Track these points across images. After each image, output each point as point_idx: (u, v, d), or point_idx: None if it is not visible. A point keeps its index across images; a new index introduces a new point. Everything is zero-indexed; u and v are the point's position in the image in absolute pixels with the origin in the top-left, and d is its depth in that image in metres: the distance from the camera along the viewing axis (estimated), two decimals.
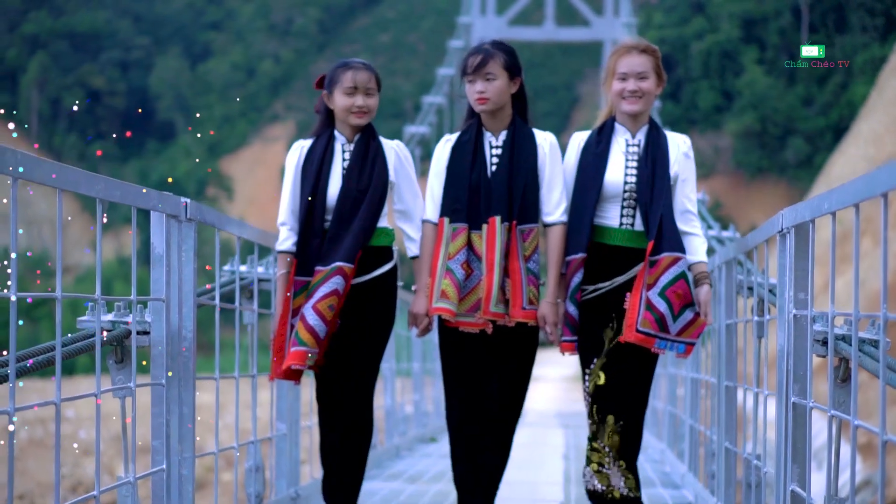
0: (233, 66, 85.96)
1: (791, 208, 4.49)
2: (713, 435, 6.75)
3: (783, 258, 4.65)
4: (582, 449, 11.75)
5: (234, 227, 5.51)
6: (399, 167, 5.60)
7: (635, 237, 5.45)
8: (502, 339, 5.52)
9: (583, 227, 5.45)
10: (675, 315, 5.35)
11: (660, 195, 5.41)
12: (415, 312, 5.60)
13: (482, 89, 5.47)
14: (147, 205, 4.34)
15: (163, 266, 4.55)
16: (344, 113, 5.49)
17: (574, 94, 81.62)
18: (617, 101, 5.54)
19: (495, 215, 5.45)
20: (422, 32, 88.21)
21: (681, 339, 5.39)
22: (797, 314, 4.45)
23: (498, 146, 5.54)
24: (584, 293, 5.48)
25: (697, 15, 74.29)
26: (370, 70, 5.53)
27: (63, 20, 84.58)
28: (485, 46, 5.56)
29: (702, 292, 5.47)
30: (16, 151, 3.17)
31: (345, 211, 5.42)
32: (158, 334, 4.53)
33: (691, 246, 5.50)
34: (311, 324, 5.29)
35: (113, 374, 4.56)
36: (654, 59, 5.51)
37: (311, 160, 5.52)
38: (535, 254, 5.50)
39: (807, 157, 66.48)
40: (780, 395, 4.61)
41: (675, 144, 5.55)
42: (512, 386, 5.57)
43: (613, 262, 5.46)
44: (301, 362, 5.28)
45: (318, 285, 5.33)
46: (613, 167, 5.50)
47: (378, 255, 5.51)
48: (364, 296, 5.46)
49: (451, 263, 5.45)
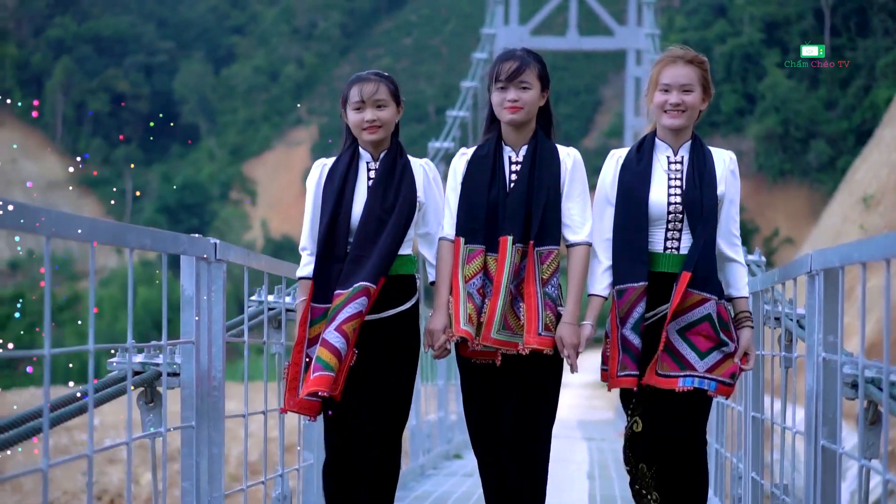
0: (256, 70, 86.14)
1: (820, 252, 4.48)
2: (740, 463, 6.74)
3: (812, 298, 4.65)
4: (606, 465, 11.75)
5: (263, 262, 5.51)
6: (428, 187, 5.22)
7: (682, 262, 5.01)
8: (516, 368, 5.05)
9: (639, 253, 5.01)
10: (701, 353, 4.93)
11: (708, 218, 4.99)
12: (431, 329, 5.12)
13: (515, 98, 5.08)
14: (177, 250, 4.35)
15: (192, 308, 4.56)
16: (356, 129, 5.14)
17: (596, 98, 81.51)
18: (658, 114, 5.14)
19: (507, 234, 5.04)
20: (445, 36, 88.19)
21: (712, 377, 4.92)
22: (826, 357, 4.44)
23: (518, 161, 5.14)
24: (636, 322, 4.99)
25: (719, 18, 74.05)
26: (379, 80, 5.16)
27: (88, 25, 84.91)
28: (518, 53, 5.18)
29: (743, 337, 5.04)
30: (49, 210, 3.19)
31: (369, 231, 5.05)
32: (188, 376, 4.55)
33: (734, 277, 5.10)
34: (336, 345, 4.88)
35: (143, 414, 4.58)
36: (701, 71, 5.12)
37: (333, 179, 5.15)
38: (553, 277, 5.04)
39: (829, 160, 66.17)
40: (808, 437, 4.61)
41: (720, 161, 5.13)
42: (529, 409, 5.07)
43: (658, 289, 5.01)
44: (325, 387, 4.83)
45: (339, 307, 4.93)
46: (656, 187, 5.09)
47: (400, 287, 5.13)
48: (386, 335, 5.06)
49: (470, 287, 5.07)
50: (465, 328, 5.01)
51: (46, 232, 3.19)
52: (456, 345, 5.14)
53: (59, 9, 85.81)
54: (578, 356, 5.05)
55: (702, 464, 5.07)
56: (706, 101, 5.17)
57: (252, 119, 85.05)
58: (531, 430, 5.10)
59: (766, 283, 5.91)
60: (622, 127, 55.61)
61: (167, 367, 4.49)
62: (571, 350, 5.03)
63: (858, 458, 4.00)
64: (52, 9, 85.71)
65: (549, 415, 5.16)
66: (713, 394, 4.94)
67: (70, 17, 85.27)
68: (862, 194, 39.32)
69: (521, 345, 4.98)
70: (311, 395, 4.89)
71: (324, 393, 4.84)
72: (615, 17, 48.35)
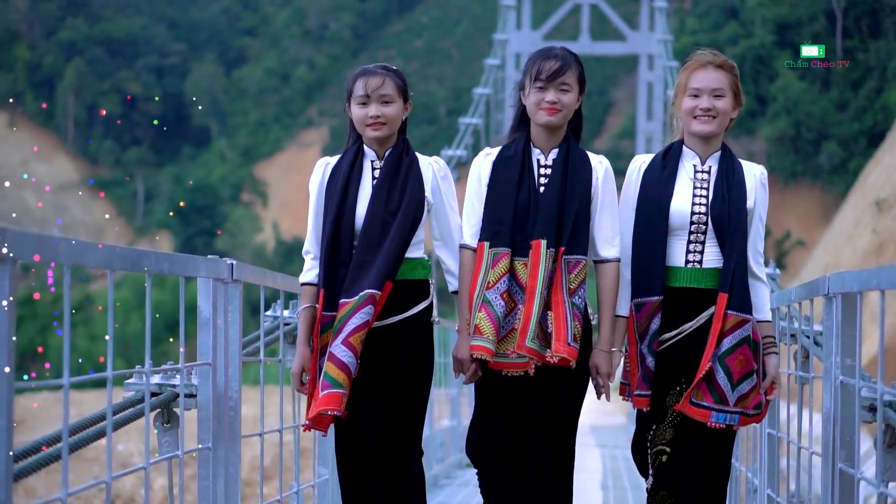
0: (267, 72, 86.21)
1: (838, 275, 4.47)
2: (755, 478, 6.72)
3: (829, 320, 4.64)
4: (620, 474, 11.73)
5: (279, 280, 5.50)
6: (436, 186, 4.93)
7: (704, 277, 4.79)
8: (546, 381, 4.78)
9: (655, 265, 4.81)
10: (733, 384, 4.69)
11: (738, 232, 4.77)
12: (458, 357, 4.86)
13: (555, 99, 4.83)
14: (194, 272, 4.36)
15: (209, 329, 4.56)
16: (360, 126, 4.87)
17: (608, 100, 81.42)
18: (687, 120, 4.90)
19: (541, 238, 4.78)
20: (456, 38, 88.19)
21: (736, 410, 4.71)
22: (844, 381, 4.43)
23: (547, 165, 4.90)
24: (650, 339, 4.79)
25: (731, 20, 73.96)
26: (385, 74, 4.90)
27: (99, 27, 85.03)
28: (559, 51, 4.91)
29: (771, 364, 4.83)
30: (68, 240, 3.19)
31: (372, 235, 4.79)
32: (205, 397, 4.54)
33: (757, 298, 4.84)
34: (345, 360, 4.64)
35: (159, 435, 4.59)
36: (732, 77, 4.90)
37: (336, 179, 4.89)
38: (580, 289, 4.80)
39: (841, 162, 66.04)
40: (825, 459, 4.60)
41: (751, 174, 4.90)
42: (557, 440, 4.85)
43: (680, 306, 4.79)
44: (337, 406, 4.62)
45: (346, 318, 4.69)
46: (679, 195, 4.86)
47: (412, 291, 4.86)
48: (398, 340, 4.82)
49: (490, 294, 4.78)
50: (481, 344, 4.75)
51: (66, 261, 3.19)
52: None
53: (70, 11, 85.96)
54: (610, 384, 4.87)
55: (724, 494, 4.88)
56: (737, 109, 4.94)
57: (263, 121, 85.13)
58: (560, 455, 4.89)
59: (783, 301, 5.89)
60: (634, 129, 55.58)
61: (184, 389, 4.50)
62: (605, 379, 4.86)
63: (877, 485, 3.98)
64: (64, 11, 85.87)
65: (574, 440, 4.96)
66: (735, 427, 4.75)
67: (82, 19, 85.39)
68: (875, 198, 39.24)
69: (549, 353, 4.72)
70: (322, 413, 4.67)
71: (335, 412, 4.62)
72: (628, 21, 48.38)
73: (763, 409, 4.78)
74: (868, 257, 34.85)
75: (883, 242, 35.16)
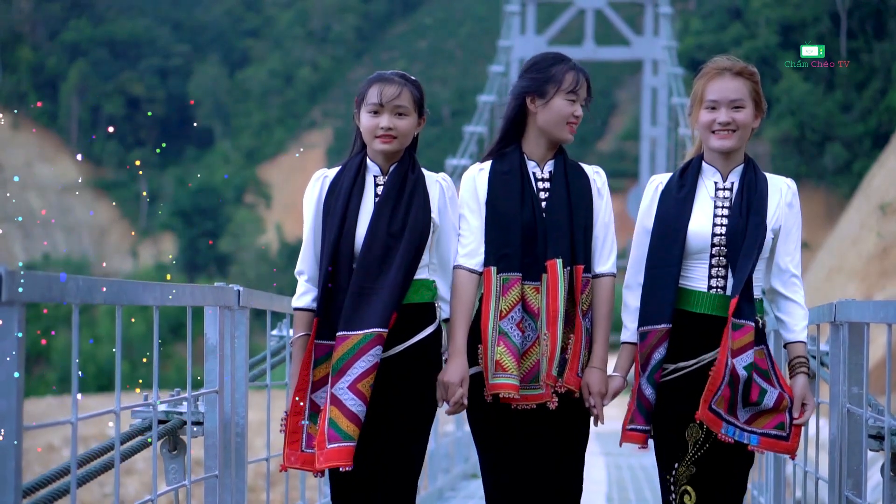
0: (271, 73, 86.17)
1: (845, 304, 4.47)
2: (761, 496, 6.72)
3: (836, 348, 4.64)
4: (625, 485, 11.68)
5: (286, 303, 5.50)
6: (444, 207, 4.54)
7: (727, 304, 4.39)
8: (558, 412, 4.44)
9: (665, 290, 4.42)
10: (751, 402, 4.34)
11: (750, 248, 4.38)
12: (447, 381, 4.40)
13: (581, 114, 4.55)
14: (202, 302, 4.37)
15: (216, 357, 4.57)
16: (368, 136, 4.46)
17: (611, 101, 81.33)
18: (705, 134, 4.51)
19: (555, 258, 4.44)
20: (460, 39, 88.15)
21: (752, 430, 4.33)
22: (851, 409, 4.43)
23: (544, 178, 4.56)
24: (663, 372, 4.42)
25: (735, 21, 73.88)
26: (403, 84, 4.48)
27: (103, 28, 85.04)
28: (576, 64, 4.60)
29: (798, 385, 4.41)
30: (76, 279, 3.19)
31: (372, 259, 4.37)
32: (212, 425, 4.55)
33: (791, 318, 4.47)
34: (355, 411, 4.23)
35: (166, 461, 4.60)
36: (752, 84, 4.50)
37: (336, 194, 4.47)
38: (590, 310, 4.52)
39: (845, 163, 65.98)
40: (832, 485, 4.59)
41: (776, 189, 4.52)
42: (566, 466, 4.50)
43: (699, 334, 4.41)
44: (347, 462, 4.21)
45: (350, 358, 4.27)
46: (699, 215, 4.47)
47: (418, 316, 4.44)
48: (401, 369, 4.40)
49: (505, 324, 4.41)
50: (496, 381, 4.38)
51: (74, 300, 3.19)
52: (475, 392, 4.44)
53: (74, 12, 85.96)
54: (604, 407, 4.47)
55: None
56: (759, 119, 4.53)
57: (267, 122, 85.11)
58: (570, 485, 4.53)
59: None
60: (638, 130, 55.53)
61: (191, 416, 4.50)
62: (598, 399, 4.46)
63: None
64: (68, 12, 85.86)
65: (581, 469, 4.59)
66: (756, 448, 4.35)
67: (85, 20, 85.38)
68: (879, 201, 39.22)
69: (560, 382, 4.42)
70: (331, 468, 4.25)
71: (346, 467, 4.21)
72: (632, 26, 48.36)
73: (791, 433, 4.35)
74: (873, 261, 34.84)
75: (887, 246, 35.14)
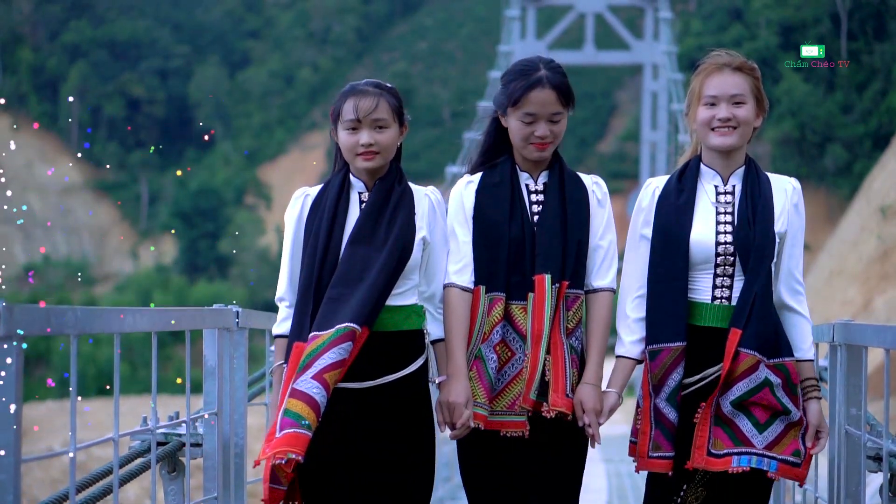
0: (271, 75, 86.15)
1: (844, 326, 4.46)
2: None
3: (834, 368, 4.63)
4: (625, 493, 11.63)
5: None
6: (433, 222, 4.32)
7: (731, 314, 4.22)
8: (542, 436, 4.22)
9: (676, 306, 4.21)
10: (760, 424, 4.14)
11: (761, 261, 4.18)
12: (452, 402, 4.18)
13: (544, 134, 4.27)
14: (201, 325, 4.37)
15: (215, 379, 4.57)
16: (349, 154, 4.22)
17: (612, 102, 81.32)
18: (704, 132, 4.30)
19: (544, 273, 4.20)
20: (460, 40, 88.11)
21: (772, 455, 4.12)
22: (849, 431, 4.43)
23: (538, 190, 4.34)
24: (672, 391, 4.20)
25: (735, 22, 73.85)
26: (379, 94, 4.21)
27: (103, 29, 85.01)
28: (542, 74, 4.27)
29: (812, 411, 4.24)
30: (74, 310, 3.19)
31: (350, 271, 4.12)
32: (211, 447, 4.56)
33: (796, 333, 4.26)
34: (315, 396, 3.89)
35: (165, 483, 4.60)
36: (753, 80, 4.31)
37: (318, 212, 4.25)
38: (578, 328, 4.26)
39: (846, 164, 65.97)
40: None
41: (780, 190, 4.31)
42: (560, 500, 4.25)
43: (705, 348, 4.21)
44: (300, 450, 3.84)
45: (317, 353, 3.97)
46: (701, 224, 4.28)
47: (406, 345, 4.20)
48: (391, 407, 4.14)
49: (484, 348, 4.22)
50: (474, 410, 4.20)
51: (72, 331, 3.19)
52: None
53: (74, 13, 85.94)
54: (600, 426, 4.22)
55: None
56: (760, 117, 4.33)
57: (267, 123, 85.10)
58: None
59: None
60: (638, 131, 55.55)
61: (190, 438, 4.50)
62: (593, 417, 4.21)
63: None
64: (68, 13, 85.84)
65: (577, 492, 4.36)
66: (774, 475, 4.16)
67: (86, 21, 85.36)
68: (880, 204, 39.21)
69: (546, 407, 4.18)
70: (280, 459, 3.86)
71: (298, 456, 3.85)
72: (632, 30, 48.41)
73: (804, 459, 4.18)
74: (873, 264, 34.83)
75: (888, 249, 35.11)
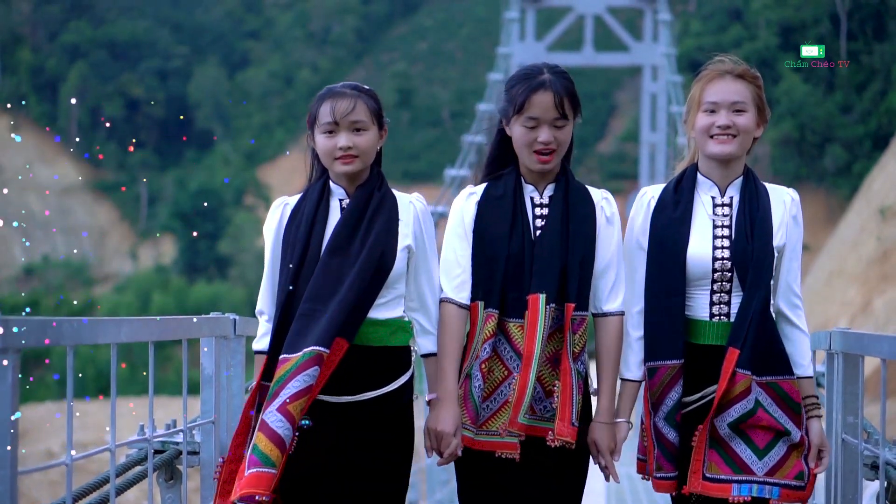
0: (271, 75, 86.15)
1: (841, 334, 4.46)
2: None
3: (831, 376, 4.64)
4: (624, 498, 11.58)
5: None
6: (419, 231, 4.16)
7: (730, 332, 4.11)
8: (547, 461, 4.09)
9: (672, 324, 4.09)
10: (759, 450, 4.04)
11: (758, 277, 4.06)
12: (440, 430, 4.05)
13: (548, 139, 4.09)
14: (198, 334, 4.37)
15: (212, 387, 4.57)
16: (327, 159, 4.09)
17: (611, 103, 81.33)
18: (703, 140, 4.17)
19: (538, 292, 4.01)
20: (460, 40, 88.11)
21: (774, 482, 4.02)
22: (846, 440, 4.43)
23: (543, 203, 4.15)
24: (670, 410, 4.10)
25: (735, 22, 73.90)
26: (357, 96, 4.10)
27: (103, 29, 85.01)
28: (546, 77, 4.09)
29: (814, 431, 4.13)
30: (70, 321, 3.19)
31: (324, 282, 3.97)
32: (208, 455, 4.56)
33: (797, 350, 4.16)
34: (280, 433, 3.80)
35: (162, 491, 4.60)
36: (755, 88, 4.20)
37: (297, 221, 4.10)
38: (583, 353, 4.08)
39: (845, 164, 65.98)
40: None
41: (779, 202, 4.20)
42: None
43: (705, 366, 4.09)
44: (266, 490, 3.75)
45: (284, 379, 3.84)
46: (698, 237, 4.15)
47: (392, 361, 4.07)
48: (372, 422, 4.02)
49: (475, 365, 4.09)
50: (463, 433, 4.09)
51: (69, 342, 3.19)
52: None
53: (74, 14, 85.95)
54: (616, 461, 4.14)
55: None
56: (762, 127, 4.22)
57: (267, 124, 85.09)
58: None
59: None
60: (638, 132, 55.54)
61: (187, 446, 4.50)
62: (608, 457, 4.12)
63: None
64: (67, 14, 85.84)
65: None
66: (776, 502, 4.04)
67: (85, 21, 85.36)
68: (879, 205, 39.23)
69: (551, 434, 4.03)
70: (245, 500, 3.77)
71: (263, 498, 3.76)
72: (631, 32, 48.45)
73: (808, 482, 4.07)
74: (873, 265, 34.84)
75: (887, 250, 35.11)
